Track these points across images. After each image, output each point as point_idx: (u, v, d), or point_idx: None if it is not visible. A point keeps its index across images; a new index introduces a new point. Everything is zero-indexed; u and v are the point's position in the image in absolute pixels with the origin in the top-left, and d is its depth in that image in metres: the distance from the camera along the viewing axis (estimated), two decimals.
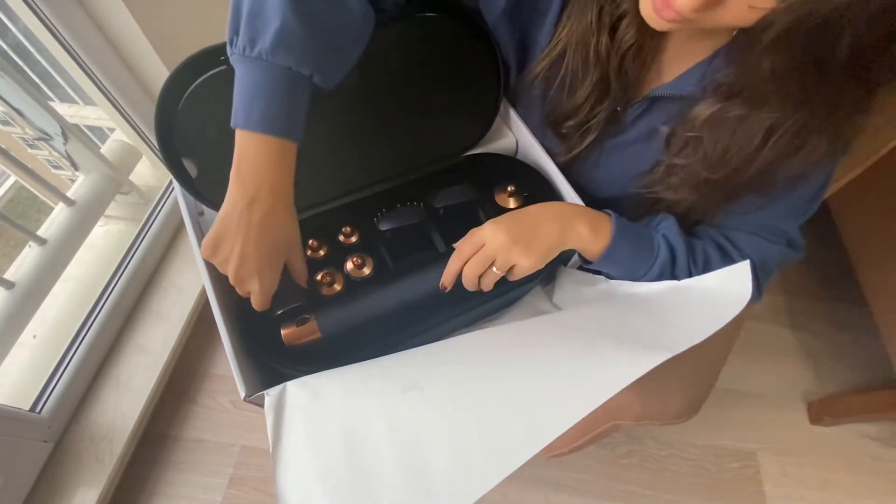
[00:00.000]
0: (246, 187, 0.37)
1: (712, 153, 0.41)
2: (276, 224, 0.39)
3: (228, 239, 0.39)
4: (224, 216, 0.38)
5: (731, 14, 0.32)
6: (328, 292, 0.47)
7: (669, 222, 0.49)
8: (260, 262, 0.39)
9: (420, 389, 0.35)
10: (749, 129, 0.38)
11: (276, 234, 0.40)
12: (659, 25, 0.37)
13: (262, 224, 0.38)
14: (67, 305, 0.95)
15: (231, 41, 0.36)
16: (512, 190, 0.55)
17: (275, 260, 0.41)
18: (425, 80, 0.53)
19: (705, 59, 0.43)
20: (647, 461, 0.93)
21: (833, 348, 1.07)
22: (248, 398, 0.37)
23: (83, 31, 0.79)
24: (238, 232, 0.38)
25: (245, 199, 0.37)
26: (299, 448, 0.34)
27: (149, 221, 1.03)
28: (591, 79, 0.46)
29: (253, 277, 0.40)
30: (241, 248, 0.38)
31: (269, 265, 0.40)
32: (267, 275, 0.41)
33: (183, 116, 0.44)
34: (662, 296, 0.44)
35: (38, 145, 0.97)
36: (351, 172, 0.53)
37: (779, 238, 0.50)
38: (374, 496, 0.32)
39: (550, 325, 0.45)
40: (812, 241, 1.25)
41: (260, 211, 0.38)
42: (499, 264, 0.44)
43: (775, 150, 0.39)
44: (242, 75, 0.36)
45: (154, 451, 0.90)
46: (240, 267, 0.39)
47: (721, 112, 0.39)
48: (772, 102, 0.36)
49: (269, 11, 0.34)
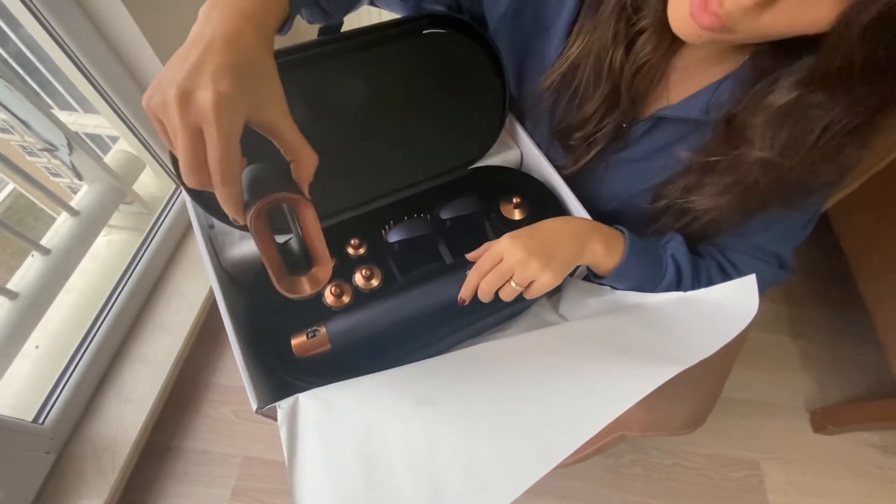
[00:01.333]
0: (211, 11, 0.31)
1: (770, 148, 0.39)
2: (244, 44, 0.30)
3: (174, 61, 0.29)
4: (175, 55, 0.30)
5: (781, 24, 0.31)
6: (337, 304, 0.47)
7: (677, 242, 0.50)
8: (215, 72, 0.28)
9: (433, 404, 0.35)
10: (810, 122, 0.37)
11: (241, 54, 0.30)
12: (690, 35, 0.35)
13: (224, 41, 0.29)
14: (70, 316, 0.95)
15: None
16: (517, 201, 0.55)
17: (236, 76, 0.29)
18: (433, 95, 0.54)
19: (712, 85, 0.43)
20: (650, 470, 0.93)
21: (835, 357, 1.07)
22: (259, 410, 0.37)
23: (88, 40, 0.79)
24: (188, 54, 0.29)
25: (207, 23, 0.30)
26: (315, 462, 0.34)
27: (152, 231, 1.03)
28: (602, 91, 0.47)
29: (205, 86, 0.27)
30: (192, 64, 0.28)
31: (228, 77, 0.28)
32: (224, 85, 0.28)
33: None
34: (669, 307, 0.44)
35: (38, 153, 0.97)
36: (359, 185, 0.54)
37: (772, 259, 0.52)
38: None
39: (560, 338, 0.45)
40: (813, 251, 1.26)
41: (222, 29, 0.30)
42: (517, 279, 0.44)
43: (820, 151, 0.38)
44: None
45: (157, 462, 0.90)
46: (187, 79, 0.28)
47: (801, 99, 0.36)
48: (840, 95, 0.35)
49: None
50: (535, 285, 0.44)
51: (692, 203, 0.48)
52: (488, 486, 0.32)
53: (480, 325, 0.50)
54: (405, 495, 0.32)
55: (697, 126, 0.46)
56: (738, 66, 0.42)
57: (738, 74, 0.42)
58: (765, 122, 0.39)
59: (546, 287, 0.44)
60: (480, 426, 0.35)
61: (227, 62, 0.28)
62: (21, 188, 2.99)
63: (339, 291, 0.47)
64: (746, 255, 0.52)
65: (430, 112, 0.55)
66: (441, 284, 0.49)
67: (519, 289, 0.44)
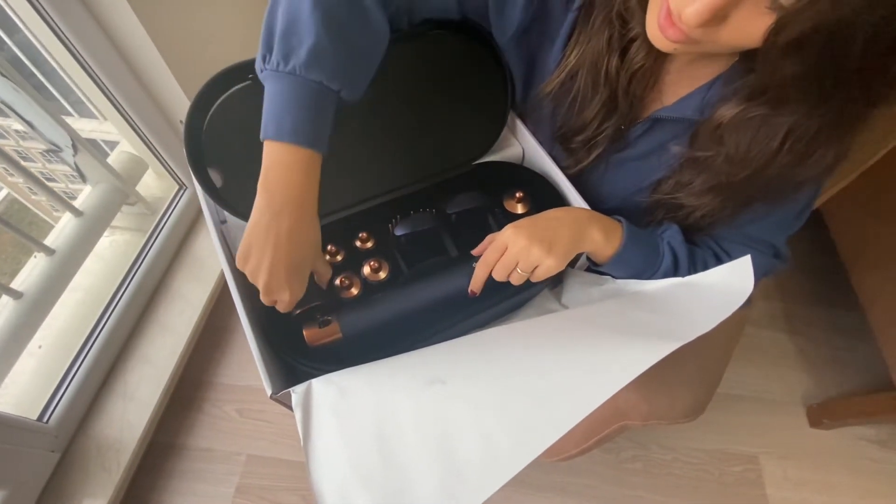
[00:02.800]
0: (273, 198, 0.38)
1: (734, 154, 0.42)
2: (302, 236, 0.40)
3: (256, 251, 0.40)
4: (252, 227, 0.40)
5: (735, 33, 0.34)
6: (346, 295, 0.49)
7: (673, 231, 0.52)
8: (288, 274, 0.41)
9: (443, 382, 0.36)
10: (769, 130, 0.40)
11: (302, 246, 0.41)
12: (664, 46, 0.38)
13: (289, 237, 0.39)
14: (74, 315, 0.95)
15: (264, 58, 0.38)
16: (520, 196, 0.57)
17: (302, 270, 0.42)
18: (437, 94, 0.56)
19: (704, 86, 0.45)
20: (651, 466, 0.94)
21: (831, 353, 1.09)
22: (274, 396, 0.38)
23: (96, 43, 0.81)
24: (266, 244, 0.39)
25: (272, 211, 0.38)
26: (330, 441, 0.35)
27: (155, 232, 1.04)
28: (601, 97, 0.48)
29: (283, 289, 0.41)
30: (270, 261, 0.39)
31: (297, 276, 0.42)
32: (295, 285, 0.42)
33: (210, 128, 0.46)
34: (668, 291, 0.46)
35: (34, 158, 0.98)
36: (367, 181, 0.55)
37: (767, 249, 0.54)
38: (408, 481, 0.33)
39: (563, 321, 0.46)
40: (808, 248, 1.28)
41: (287, 223, 0.39)
42: (522, 266, 0.45)
43: (790, 154, 0.40)
44: (274, 90, 0.38)
45: (160, 460, 0.90)
46: (270, 279, 0.40)
47: (744, 112, 0.40)
48: (790, 106, 0.38)
49: (303, 30, 0.36)
50: (539, 269, 0.46)
51: (680, 200, 0.50)
52: (501, 453, 0.33)
53: (485, 315, 0.51)
54: (420, 467, 0.33)
55: (692, 125, 0.48)
56: (728, 68, 0.44)
57: (727, 76, 0.44)
58: (728, 128, 0.42)
59: (550, 271, 0.46)
60: (489, 400, 0.36)
61: (292, 262, 0.41)
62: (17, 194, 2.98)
63: (348, 283, 0.48)
64: (741, 245, 0.53)
65: (435, 110, 0.57)
66: (447, 276, 0.50)
67: (525, 274, 0.46)
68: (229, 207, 0.49)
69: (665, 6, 0.36)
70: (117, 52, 0.84)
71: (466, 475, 0.32)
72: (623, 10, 0.43)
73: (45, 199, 0.88)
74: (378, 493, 0.33)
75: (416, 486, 0.33)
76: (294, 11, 0.37)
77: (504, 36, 0.51)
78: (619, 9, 0.43)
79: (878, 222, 0.94)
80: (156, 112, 0.95)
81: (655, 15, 0.37)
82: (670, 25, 0.36)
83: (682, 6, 0.34)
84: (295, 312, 0.46)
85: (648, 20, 0.39)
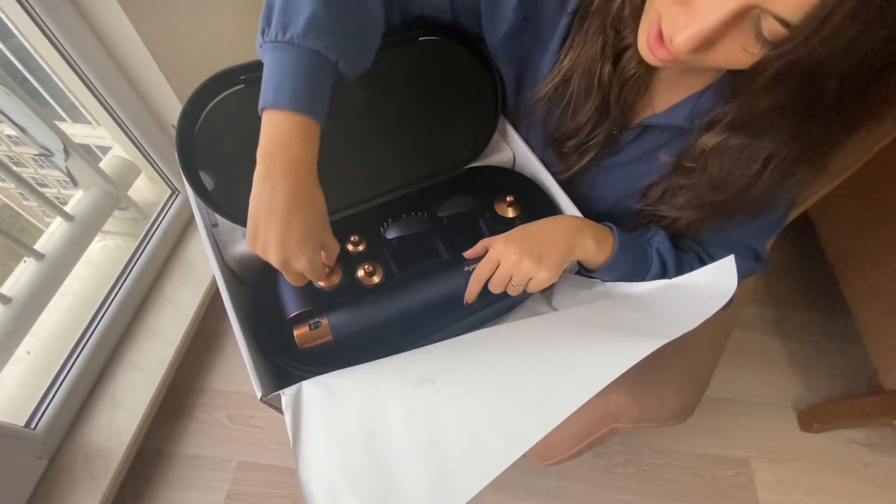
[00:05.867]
0: (272, 165, 0.38)
1: (717, 177, 0.44)
2: (307, 200, 0.40)
3: (263, 225, 0.39)
4: (254, 202, 0.39)
5: (721, 57, 0.35)
6: (328, 285, 0.49)
7: (661, 237, 0.53)
8: (301, 240, 0.40)
9: (432, 381, 0.36)
10: (749, 157, 0.42)
11: (307, 209, 0.40)
12: (653, 62, 0.39)
13: (292, 202, 0.38)
14: (63, 321, 0.94)
15: (263, 31, 0.39)
16: (510, 200, 0.57)
17: (312, 235, 0.41)
18: (429, 99, 0.56)
19: (695, 94, 0.46)
20: (643, 470, 0.94)
21: (820, 356, 1.10)
22: (264, 398, 0.38)
23: (88, 48, 0.81)
24: (271, 216, 0.38)
25: (272, 179, 0.38)
26: (319, 442, 0.35)
27: (147, 236, 1.03)
28: (593, 102, 0.49)
29: (298, 257, 0.40)
30: (278, 231, 0.38)
31: (309, 241, 0.40)
32: (310, 250, 0.40)
33: (202, 132, 0.46)
34: (656, 292, 0.47)
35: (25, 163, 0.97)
36: (359, 184, 0.55)
37: (748, 253, 0.55)
38: (395, 480, 0.33)
39: (552, 321, 0.47)
40: (797, 253, 1.29)
41: (287, 189, 0.38)
42: (516, 280, 0.46)
43: (771, 177, 0.42)
44: (273, 59, 0.38)
45: (150, 467, 0.89)
46: (282, 250, 0.39)
47: (725, 142, 0.42)
48: (769, 135, 0.40)
49: (300, 3, 0.38)
50: (533, 282, 0.47)
51: (665, 212, 0.52)
52: (488, 450, 0.33)
53: (476, 318, 0.52)
54: (409, 466, 0.33)
55: (682, 132, 0.49)
56: (717, 79, 0.45)
57: (717, 86, 0.45)
58: (711, 155, 0.44)
59: (543, 283, 0.46)
60: (478, 397, 0.36)
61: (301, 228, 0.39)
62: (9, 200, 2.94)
63: (335, 280, 0.48)
64: (724, 249, 0.54)
65: (427, 115, 0.57)
66: (438, 279, 0.50)
67: (521, 287, 0.47)
68: (220, 210, 0.49)
69: (656, 28, 0.36)
70: (110, 56, 0.84)
71: (454, 473, 0.33)
72: (617, 20, 0.44)
73: (37, 204, 0.88)
74: (367, 492, 0.33)
75: (404, 485, 0.33)
76: None
77: (495, 37, 0.52)
78: (614, 18, 0.44)
79: (864, 228, 0.95)
80: (148, 117, 0.95)
81: (646, 33, 0.38)
82: (660, 46, 0.37)
83: (673, 32, 0.35)
84: (290, 315, 0.46)
85: (640, 36, 0.40)
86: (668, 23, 0.35)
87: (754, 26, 0.32)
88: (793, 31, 0.29)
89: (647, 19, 0.39)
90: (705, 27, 0.32)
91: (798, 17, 0.29)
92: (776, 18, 0.30)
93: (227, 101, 0.46)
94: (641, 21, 0.40)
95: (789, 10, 0.29)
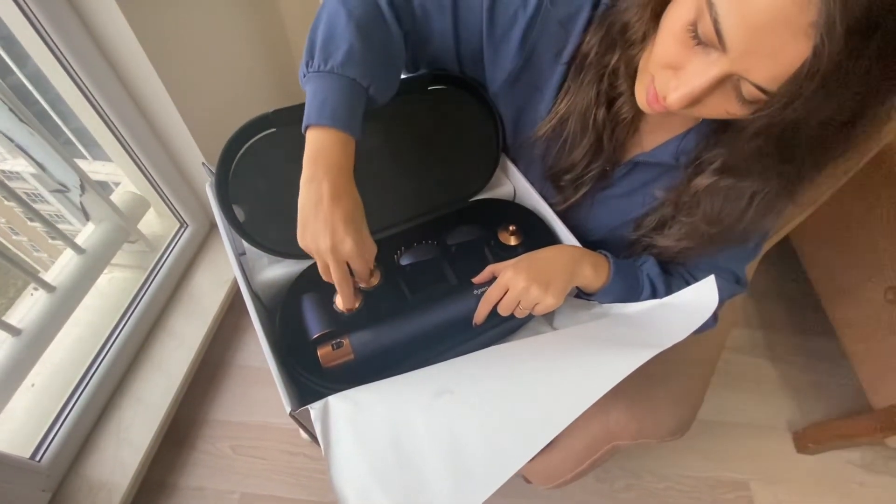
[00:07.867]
0: (316, 168, 0.44)
1: (710, 213, 0.50)
2: (347, 194, 0.45)
3: (311, 221, 0.44)
4: (301, 203, 0.44)
5: (708, 111, 0.41)
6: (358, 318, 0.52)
7: (651, 263, 0.58)
8: (346, 226, 0.44)
9: (451, 392, 0.40)
10: (737, 195, 0.48)
11: (348, 202, 0.45)
12: (649, 112, 0.46)
13: (335, 194, 0.44)
14: (70, 352, 0.95)
15: (307, 63, 0.46)
16: (513, 229, 0.62)
17: (355, 222, 0.45)
18: (438, 140, 0.63)
19: (679, 136, 0.52)
20: (644, 495, 0.95)
21: (812, 378, 1.13)
22: (293, 413, 0.41)
23: (109, 89, 0.86)
24: (318, 208, 0.43)
25: (316, 180, 0.44)
26: (349, 448, 0.38)
27: (155, 269, 1.06)
28: (588, 141, 0.55)
29: (344, 240, 0.44)
30: (325, 220, 0.43)
31: (353, 226, 0.45)
32: (353, 234, 0.44)
33: (237, 170, 0.51)
34: (647, 311, 0.51)
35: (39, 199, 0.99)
36: (375, 215, 0.59)
37: (729, 276, 0.60)
38: (421, 479, 0.36)
39: (556, 338, 0.51)
40: (786, 279, 1.34)
41: (329, 185, 0.43)
42: (524, 305, 0.50)
43: (756, 211, 0.48)
44: (316, 86, 0.45)
45: (153, 500, 0.88)
46: (331, 236, 0.44)
47: (716, 183, 0.48)
48: (753, 175, 0.46)
49: (339, 38, 0.45)
50: (539, 307, 0.51)
51: (658, 242, 0.57)
52: (506, 450, 0.37)
53: (483, 339, 0.55)
54: (434, 466, 0.37)
55: (669, 168, 0.54)
56: (699, 122, 0.51)
57: (699, 128, 0.51)
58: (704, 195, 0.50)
59: (549, 308, 0.51)
60: (492, 404, 0.40)
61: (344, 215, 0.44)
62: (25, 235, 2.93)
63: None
64: (708, 273, 0.59)
65: (436, 154, 0.63)
66: (448, 302, 0.54)
67: (528, 310, 0.51)
68: (251, 239, 0.53)
69: (653, 88, 0.43)
70: (129, 96, 0.89)
71: (475, 472, 0.36)
72: (613, 74, 0.50)
73: (50, 236, 0.90)
74: (396, 490, 0.36)
75: (430, 483, 0.36)
76: (332, 26, 0.46)
77: (496, 82, 0.58)
78: (611, 72, 0.50)
79: (841, 251, 1.00)
80: (163, 154, 1.00)
81: (644, 92, 0.44)
82: (656, 102, 0.43)
83: (666, 92, 0.41)
84: (313, 335, 0.49)
85: (637, 93, 0.46)
86: (660, 84, 0.41)
87: (736, 89, 0.37)
88: (770, 97, 0.35)
89: (642, 79, 0.45)
90: (693, 90, 0.38)
91: (774, 87, 0.34)
92: (754, 86, 0.35)
93: (260, 144, 0.52)
94: (637, 79, 0.46)
95: (765, 81, 0.34)
